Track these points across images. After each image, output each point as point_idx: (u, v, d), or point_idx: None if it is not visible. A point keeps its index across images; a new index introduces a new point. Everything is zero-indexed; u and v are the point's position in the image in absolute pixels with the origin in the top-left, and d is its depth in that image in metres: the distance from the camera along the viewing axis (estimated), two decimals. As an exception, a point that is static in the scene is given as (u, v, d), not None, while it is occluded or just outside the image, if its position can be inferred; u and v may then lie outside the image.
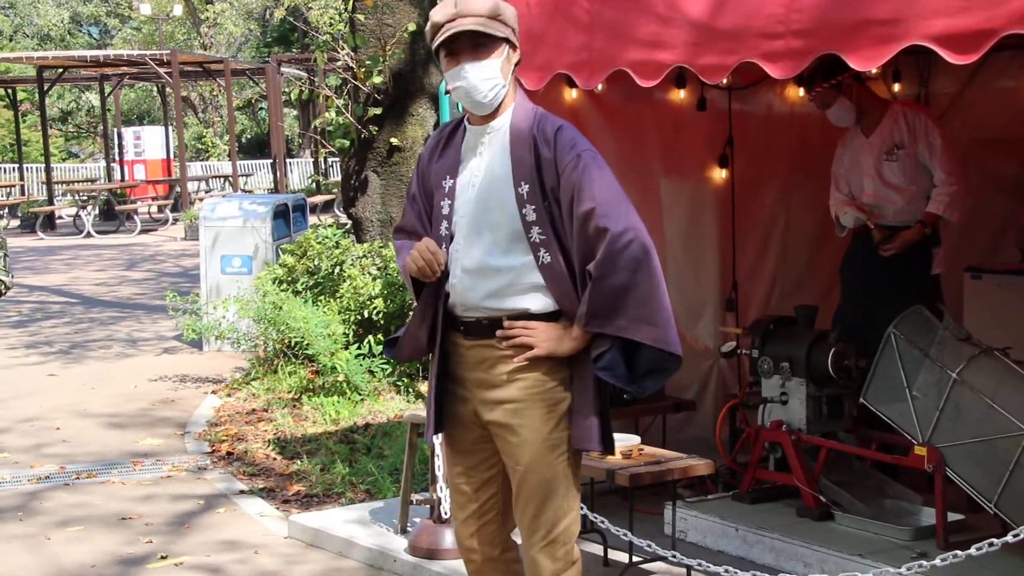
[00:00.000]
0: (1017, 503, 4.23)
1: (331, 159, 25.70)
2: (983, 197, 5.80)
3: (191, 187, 26.32)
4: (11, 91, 27.32)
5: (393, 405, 7.72)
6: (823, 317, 5.34)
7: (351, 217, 9.41)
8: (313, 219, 16.43)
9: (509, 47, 3.25)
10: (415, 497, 5.23)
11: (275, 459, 6.85)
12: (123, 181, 27.17)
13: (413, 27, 8.78)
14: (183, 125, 26.38)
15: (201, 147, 36.81)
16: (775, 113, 6.28)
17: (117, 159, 28.20)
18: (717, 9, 3.81)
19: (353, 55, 9.05)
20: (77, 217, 23.35)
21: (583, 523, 3.78)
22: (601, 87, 5.22)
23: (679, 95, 5.87)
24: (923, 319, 4.71)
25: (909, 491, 4.93)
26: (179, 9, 34.03)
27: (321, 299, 8.47)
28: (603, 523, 4.40)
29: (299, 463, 6.64)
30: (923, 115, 5.35)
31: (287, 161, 28.56)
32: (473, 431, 3.34)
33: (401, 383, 8.08)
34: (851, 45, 3.43)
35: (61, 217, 25.32)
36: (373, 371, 7.90)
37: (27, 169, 29.77)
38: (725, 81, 4.92)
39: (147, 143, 28.77)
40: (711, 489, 5.27)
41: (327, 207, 22.79)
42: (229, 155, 27.59)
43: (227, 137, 29.62)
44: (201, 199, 21.89)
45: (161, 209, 25.45)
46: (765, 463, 5.04)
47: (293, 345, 8.33)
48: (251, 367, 8.92)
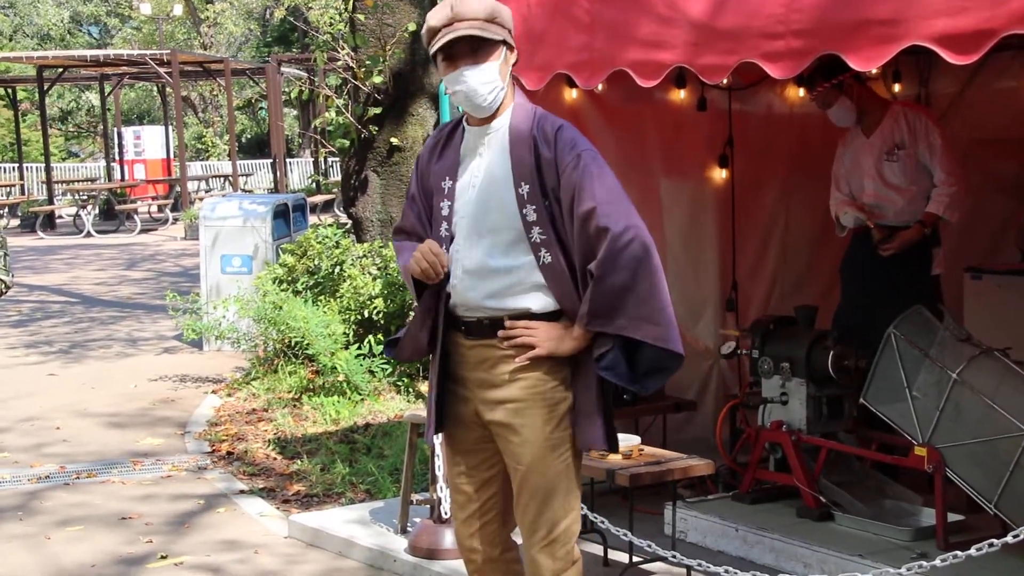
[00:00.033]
0: (1017, 504, 4.23)
1: (331, 159, 25.69)
2: (983, 197, 5.80)
3: (191, 187, 26.32)
4: (11, 90, 27.32)
5: (393, 405, 7.72)
6: (823, 317, 5.34)
7: (351, 217, 9.41)
8: (313, 219, 16.42)
9: (506, 48, 3.24)
10: (415, 497, 5.23)
11: (275, 459, 6.85)
12: (123, 181, 27.17)
13: (413, 27, 8.77)
14: (183, 125, 26.38)
15: (201, 147, 36.81)
16: (775, 113, 6.28)
17: (117, 159, 28.19)
18: (717, 9, 3.81)
19: (353, 55, 9.04)
20: (77, 217, 23.35)
21: (583, 523, 3.78)
22: (601, 87, 5.22)
23: (679, 95, 5.86)
24: (923, 319, 4.71)
25: (909, 492, 4.93)
26: (179, 9, 34.04)
27: (321, 299, 8.47)
28: (603, 523, 4.40)
29: (299, 463, 6.64)
30: (924, 115, 5.35)
31: (287, 161, 28.56)
32: (474, 431, 3.33)
33: (401, 383, 8.08)
34: (851, 45, 3.43)
35: (61, 216, 25.31)
36: (373, 371, 7.90)
37: (27, 168, 29.78)
38: (725, 81, 4.92)
39: (147, 143, 28.78)
40: (711, 489, 5.27)
41: (327, 207, 22.79)
42: (229, 155, 27.59)
43: (227, 137, 29.62)
44: (201, 199, 21.87)
45: (161, 209, 25.46)
46: (765, 463, 5.04)
47: (293, 345, 8.32)
48: (251, 367, 8.92)
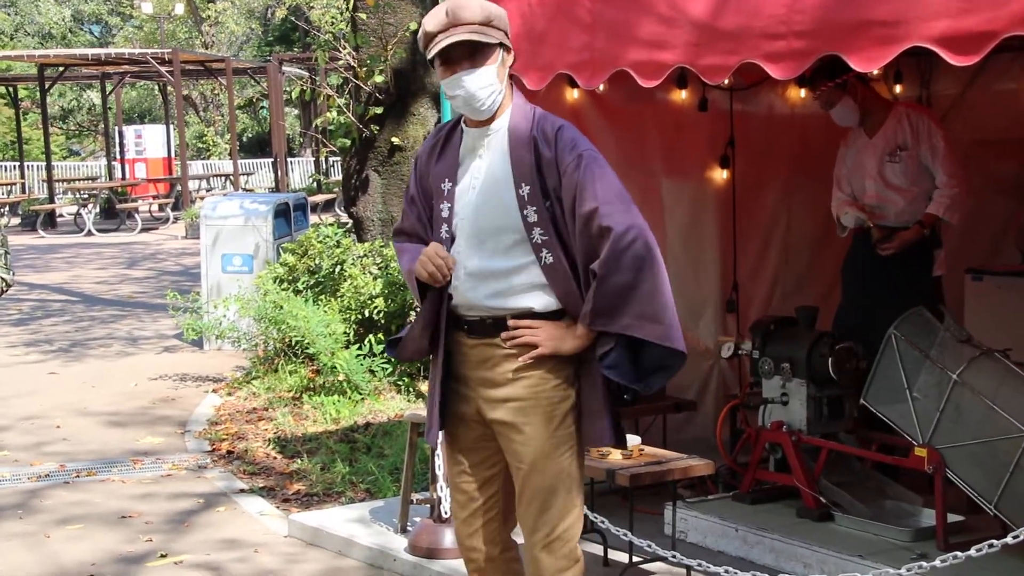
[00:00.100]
0: (1017, 504, 4.23)
1: (332, 158, 25.71)
2: (984, 199, 5.79)
3: (192, 186, 26.32)
4: (12, 89, 27.34)
5: (394, 404, 7.72)
6: (824, 318, 5.34)
7: (352, 216, 9.41)
8: (314, 218, 16.44)
9: (503, 51, 3.23)
10: (415, 496, 5.23)
11: (275, 458, 6.85)
12: (124, 179, 27.16)
13: (415, 26, 8.77)
14: (184, 124, 26.38)
15: (202, 146, 36.82)
16: (776, 114, 6.28)
17: (118, 157, 28.18)
18: (719, 9, 3.81)
19: (354, 54, 9.05)
20: (78, 215, 23.35)
21: (583, 523, 3.78)
22: (603, 87, 5.22)
23: (681, 95, 5.87)
24: (924, 320, 4.71)
25: (909, 492, 4.93)
26: (181, 8, 34.03)
27: (322, 298, 8.47)
28: (603, 523, 4.40)
29: (299, 462, 6.64)
30: (926, 117, 5.34)
31: (288, 160, 28.57)
32: (475, 430, 3.33)
33: (402, 382, 8.08)
34: (852, 46, 3.43)
35: (62, 215, 25.30)
36: (374, 370, 7.90)
37: (28, 167, 29.79)
38: (727, 82, 4.92)
39: (148, 141, 28.80)
40: (711, 489, 5.27)
41: (328, 206, 22.78)
42: (230, 154, 27.61)
43: (228, 136, 29.63)
44: (202, 198, 21.85)
45: (162, 208, 25.46)
46: (765, 464, 5.04)
47: (294, 344, 8.33)
48: (252, 366, 8.92)
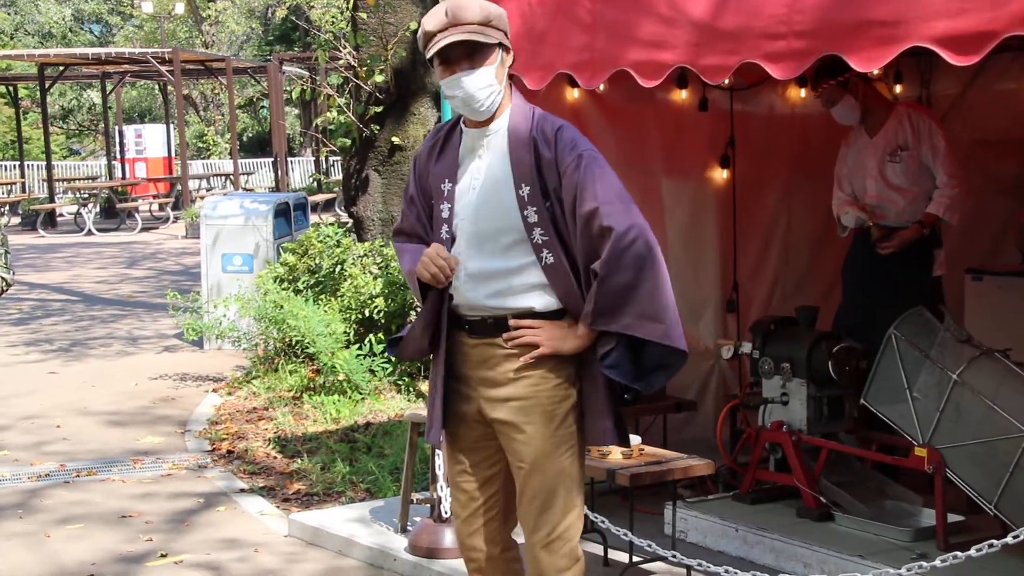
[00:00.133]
0: (1017, 504, 4.23)
1: (332, 158, 25.71)
2: (984, 199, 5.80)
3: (192, 185, 26.33)
4: (12, 88, 27.35)
5: (394, 404, 7.72)
6: (824, 318, 5.34)
7: (352, 216, 9.42)
8: (314, 218, 16.44)
9: (503, 51, 3.22)
10: (415, 496, 5.23)
11: (275, 458, 6.85)
12: (124, 179, 27.17)
13: (415, 25, 8.77)
14: (184, 123, 26.39)
15: (202, 145, 36.83)
16: (777, 114, 6.28)
17: (118, 157, 28.20)
18: (719, 9, 3.81)
19: (355, 54, 9.05)
20: (78, 215, 23.36)
21: (583, 523, 3.78)
22: (603, 87, 5.22)
23: (681, 95, 5.87)
24: (924, 320, 4.71)
25: (909, 492, 4.93)
26: (181, 7, 34.05)
27: (322, 298, 8.47)
28: (603, 523, 4.40)
29: (299, 462, 6.64)
30: (927, 117, 5.34)
31: (288, 160, 28.57)
32: (476, 429, 3.33)
33: (402, 382, 8.08)
34: (853, 46, 3.43)
35: (62, 215, 25.30)
36: (374, 370, 7.91)
37: (28, 166, 29.80)
38: (727, 81, 4.92)
39: (148, 141, 28.81)
40: (711, 489, 5.27)
41: (328, 206, 22.79)
42: (230, 153, 27.61)
43: (228, 135, 29.64)
44: (202, 197, 21.86)
45: (162, 207, 25.46)
46: (765, 464, 5.04)
47: (294, 344, 8.33)
48: (252, 366, 8.92)
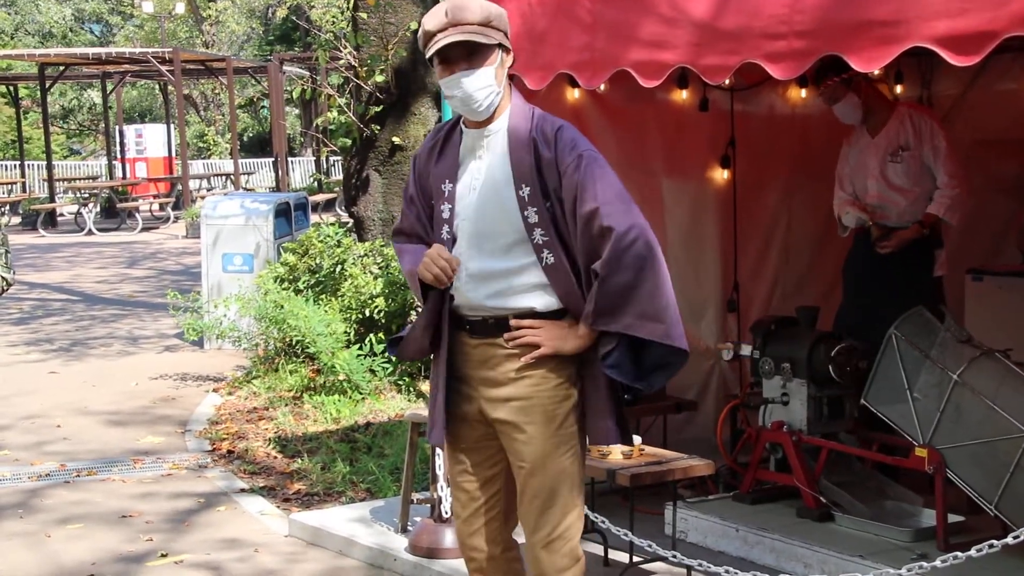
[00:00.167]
0: (1017, 505, 4.23)
1: (333, 158, 25.70)
2: (984, 199, 5.79)
3: (193, 185, 26.33)
4: (13, 88, 27.36)
5: (394, 404, 7.72)
6: (825, 318, 5.34)
7: (353, 216, 9.42)
8: (315, 218, 16.43)
9: (502, 51, 3.22)
10: (416, 496, 5.23)
11: (276, 457, 6.85)
12: (125, 179, 27.18)
13: (415, 25, 8.77)
14: (185, 123, 26.40)
15: (203, 145, 36.84)
16: (777, 114, 6.27)
17: (119, 157, 28.21)
18: (719, 9, 3.81)
19: (355, 54, 9.05)
20: (78, 214, 23.36)
21: (584, 523, 3.78)
22: (603, 87, 5.21)
23: (681, 95, 5.86)
24: (924, 320, 4.71)
25: (910, 492, 4.93)
26: (181, 7, 34.05)
27: (322, 298, 8.47)
28: (604, 523, 4.40)
29: (300, 462, 6.64)
30: (929, 118, 5.34)
31: (289, 159, 28.57)
32: (477, 429, 3.33)
33: (402, 382, 8.08)
34: (853, 46, 3.43)
35: (62, 214, 25.31)
36: (374, 370, 7.91)
37: (28, 166, 29.81)
38: (727, 82, 4.91)
39: (149, 141, 28.81)
40: (712, 489, 5.27)
41: (329, 206, 22.79)
42: (231, 153, 27.61)
43: (229, 135, 29.64)
44: (203, 197, 21.86)
45: (163, 207, 25.47)
46: (766, 464, 5.03)
47: (294, 344, 8.33)
48: (252, 365, 8.92)
